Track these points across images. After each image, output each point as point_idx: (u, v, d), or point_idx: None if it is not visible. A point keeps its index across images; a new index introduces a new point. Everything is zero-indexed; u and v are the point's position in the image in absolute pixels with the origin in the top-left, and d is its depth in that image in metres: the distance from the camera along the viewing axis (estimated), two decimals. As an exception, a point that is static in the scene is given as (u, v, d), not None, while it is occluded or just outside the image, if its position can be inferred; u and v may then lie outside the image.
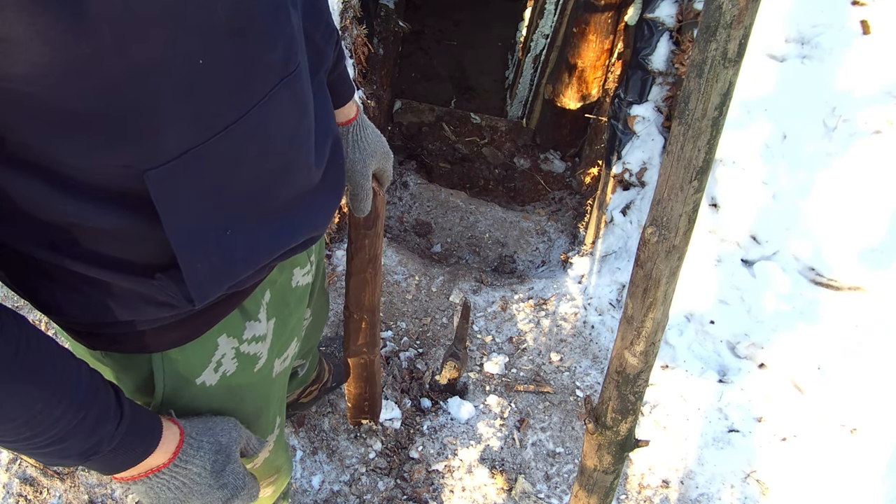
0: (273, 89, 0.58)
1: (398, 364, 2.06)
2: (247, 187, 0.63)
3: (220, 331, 0.79)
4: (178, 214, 0.57)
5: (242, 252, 0.67)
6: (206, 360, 0.80)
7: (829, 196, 1.94)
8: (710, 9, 0.72)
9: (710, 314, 2.00)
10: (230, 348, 0.82)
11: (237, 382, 0.86)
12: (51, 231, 0.56)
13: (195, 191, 0.57)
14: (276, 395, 1.00)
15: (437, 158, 3.51)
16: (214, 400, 0.85)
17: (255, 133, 0.58)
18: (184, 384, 0.80)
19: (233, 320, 0.80)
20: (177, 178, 0.54)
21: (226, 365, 0.83)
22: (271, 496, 1.22)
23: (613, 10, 2.78)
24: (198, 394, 0.82)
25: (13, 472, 1.74)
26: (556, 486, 1.87)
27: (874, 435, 1.83)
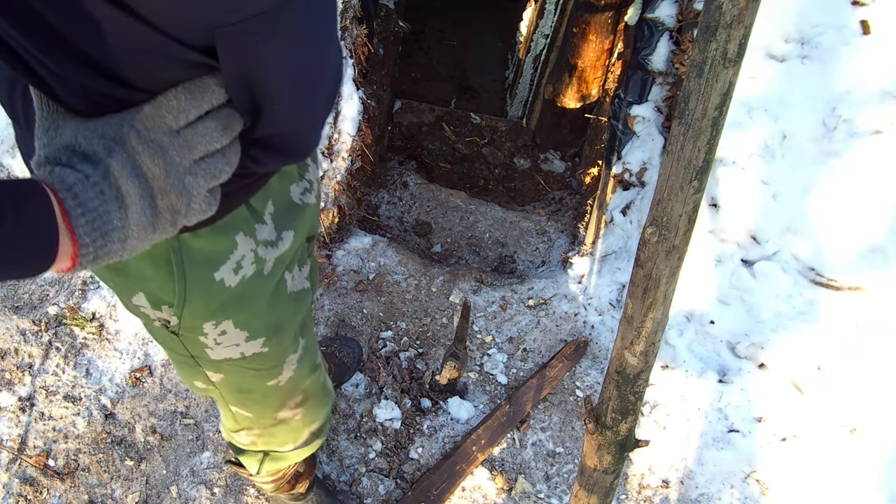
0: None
1: (398, 364, 2.06)
2: (305, 55, 0.65)
3: (237, 227, 0.81)
4: (233, 76, 0.61)
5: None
6: (225, 255, 0.81)
7: (829, 196, 1.94)
8: (710, 9, 0.72)
9: (710, 314, 2.00)
10: (249, 250, 0.84)
11: (254, 288, 0.88)
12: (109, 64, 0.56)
13: (260, 53, 0.60)
14: (297, 315, 1.02)
15: (437, 158, 3.51)
16: (232, 303, 0.86)
17: (307, 10, 0.61)
18: (203, 276, 0.81)
19: (244, 217, 0.82)
20: (245, 38, 0.57)
21: (245, 268, 0.85)
22: (301, 421, 1.22)
23: (613, 10, 2.78)
24: (217, 291, 0.83)
25: (13, 472, 1.74)
26: (556, 486, 1.87)
27: (874, 435, 1.83)
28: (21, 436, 1.79)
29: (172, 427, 1.86)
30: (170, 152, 0.60)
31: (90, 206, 0.56)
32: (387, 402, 1.95)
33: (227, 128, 0.65)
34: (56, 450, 1.79)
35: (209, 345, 0.93)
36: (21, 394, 1.85)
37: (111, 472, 1.78)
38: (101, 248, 0.58)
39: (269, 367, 1.04)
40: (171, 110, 0.60)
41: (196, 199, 0.64)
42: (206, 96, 0.62)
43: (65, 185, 0.56)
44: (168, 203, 0.61)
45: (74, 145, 0.58)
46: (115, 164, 0.58)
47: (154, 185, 0.60)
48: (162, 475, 1.79)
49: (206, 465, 1.81)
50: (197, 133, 0.62)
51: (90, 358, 1.94)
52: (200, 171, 0.63)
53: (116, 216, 0.58)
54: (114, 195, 0.58)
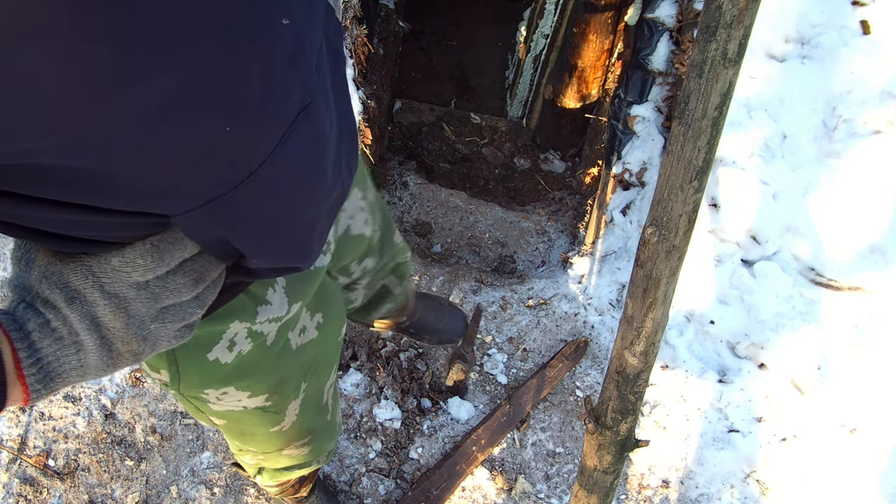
0: (290, 127, 0.58)
1: (398, 364, 2.06)
2: (274, 216, 0.63)
3: (231, 316, 0.80)
4: (206, 245, 0.60)
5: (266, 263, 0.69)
6: (216, 337, 0.81)
7: (829, 196, 1.94)
8: (710, 9, 0.72)
9: (710, 314, 2.00)
10: (243, 328, 0.83)
11: (253, 360, 0.88)
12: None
13: (220, 228, 0.59)
14: (302, 365, 1.02)
15: (437, 158, 3.51)
16: (230, 377, 0.87)
17: (278, 173, 0.58)
18: (196, 357, 0.81)
19: (241, 305, 0.81)
20: (201, 221, 0.56)
21: (240, 345, 0.85)
22: (307, 455, 1.23)
23: (613, 10, 2.78)
24: (212, 370, 0.83)
25: (13, 472, 1.74)
26: (556, 486, 1.87)
27: (874, 435, 1.83)
28: (21, 436, 1.79)
29: (172, 427, 1.86)
30: (133, 304, 0.59)
31: (44, 354, 0.56)
32: (387, 402, 1.95)
33: (198, 280, 0.63)
34: (56, 450, 1.79)
35: (211, 401, 0.93)
36: (21, 394, 1.86)
37: (111, 472, 1.78)
38: (54, 386, 0.58)
39: (272, 415, 1.04)
40: (138, 268, 0.58)
41: (163, 340, 0.63)
42: (176, 252, 0.60)
43: (22, 333, 0.56)
44: (129, 349, 0.60)
45: (38, 289, 0.57)
46: (72, 316, 0.57)
47: (114, 335, 0.59)
48: (162, 475, 1.79)
49: (206, 465, 1.81)
50: (166, 286, 0.60)
51: None
52: (168, 317, 0.62)
53: (74, 358, 0.58)
54: (72, 341, 0.57)
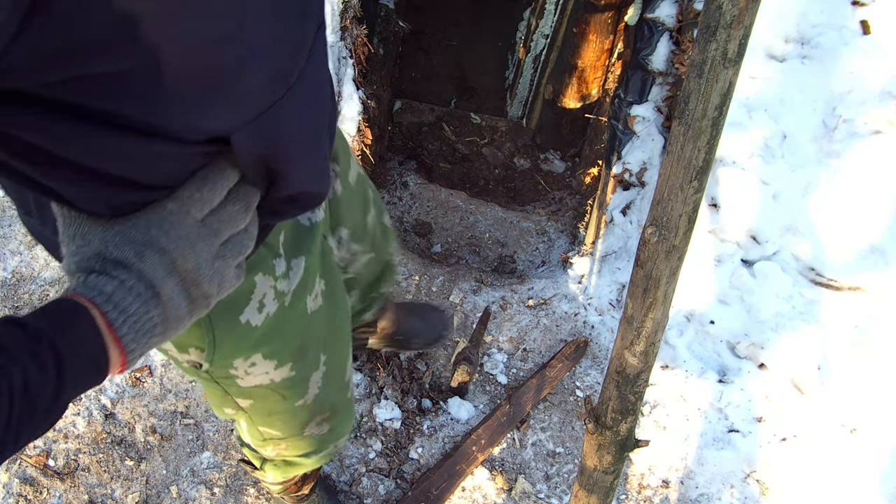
0: (313, 43, 0.62)
1: (398, 364, 2.06)
2: (303, 133, 0.68)
3: (255, 268, 0.82)
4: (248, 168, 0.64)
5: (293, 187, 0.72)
6: (246, 297, 0.83)
7: (829, 196, 1.94)
8: (710, 9, 0.72)
9: (710, 314, 2.00)
10: (269, 287, 0.86)
11: (280, 321, 0.90)
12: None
13: (264, 145, 0.62)
14: (318, 333, 1.04)
15: (437, 158, 3.51)
16: (260, 340, 0.89)
17: (309, 88, 0.63)
18: (229, 321, 0.83)
19: (262, 257, 0.83)
20: (252, 136, 0.59)
21: (268, 306, 0.87)
22: (328, 435, 1.24)
23: (613, 10, 2.78)
24: (245, 334, 0.86)
25: (13, 472, 1.74)
26: (556, 486, 1.87)
27: (874, 435, 1.83)
28: (21, 436, 1.79)
29: (172, 427, 1.86)
30: (198, 244, 0.61)
31: (131, 312, 0.58)
32: (387, 402, 1.95)
33: (248, 207, 0.65)
34: (56, 450, 1.79)
35: (239, 376, 0.95)
36: (21, 394, 1.86)
37: (111, 472, 1.78)
38: (144, 347, 0.60)
39: (297, 388, 1.06)
40: (195, 203, 0.60)
41: (227, 278, 0.65)
42: (225, 181, 0.62)
43: (105, 296, 0.57)
44: (202, 291, 0.63)
45: (105, 253, 0.58)
46: (147, 268, 0.58)
47: (188, 277, 0.61)
48: (162, 475, 1.79)
49: (206, 465, 1.81)
50: (221, 220, 0.63)
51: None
52: (228, 253, 0.65)
53: (155, 313, 0.59)
54: (151, 295, 0.59)
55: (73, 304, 0.56)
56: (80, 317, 0.55)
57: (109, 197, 0.58)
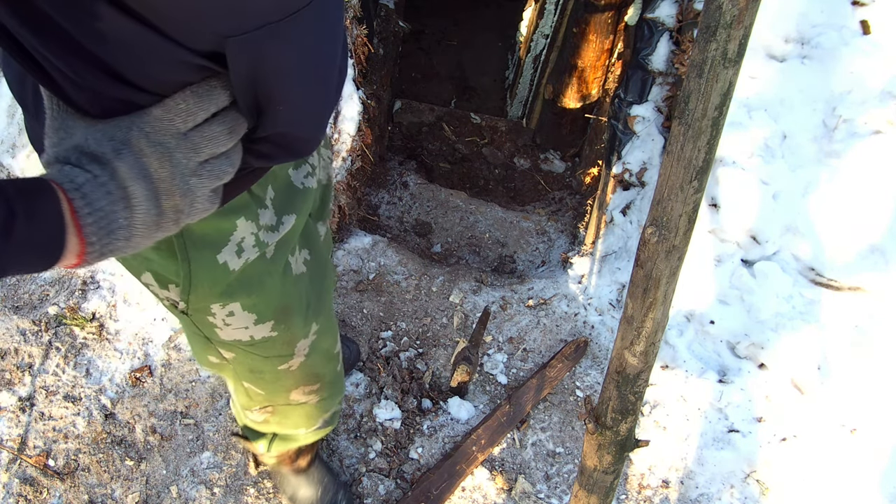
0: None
1: (398, 364, 2.06)
2: (304, 65, 0.67)
3: (238, 211, 0.83)
4: (240, 85, 0.63)
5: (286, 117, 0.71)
6: (226, 237, 0.83)
7: (829, 196, 1.94)
8: (710, 9, 0.72)
9: (710, 314, 2.00)
10: (249, 233, 0.86)
11: (259, 271, 0.90)
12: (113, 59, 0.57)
13: (261, 61, 0.62)
14: (303, 298, 1.03)
15: (437, 158, 3.51)
16: (238, 286, 0.89)
17: (319, 16, 0.62)
18: (206, 259, 0.83)
19: (245, 202, 0.84)
20: (250, 46, 0.59)
21: (247, 252, 0.86)
22: (315, 407, 1.24)
23: (613, 10, 2.78)
24: (221, 273, 0.85)
25: (13, 472, 1.74)
26: (556, 486, 1.87)
27: (874, 435, 1.83)
28: (21, 436, 1.79)
29: (172, 427, 1.86)
30: (176, 154, 0.62)
31: (98, 206, 0.58)
32: (387, 402, 1.95)
33: (232, 131, 0.66)
34: (56, 450, 1.79)
35: (218, 325, 0.94)
36: (21, 394, 1.85)
37: (111, 472, 1.78)
38: (106, 246, 0.60)
39: (279, 352, 1.05)
40: (179, 113, 0.61)
41: (199, 199, 0.66)
42: (213, 99, 0.63)
43: (74, 185, 0.57)
44: (172, 203, 0.63)
45: (83, 146, 0.59)
46: (122, 166, 0.59)
47: (160, 185, 0.61)
48: (162, 475, 1.79)
49: (206, 465, 1.81)
50: (203, 136, 0.63)
51: (90, 358, 1.94)
52: (205, 173, 0.65)
53: (122, 215, 0.60)
54: (121, 195, 0.59)
55: (41, 182, 0.56)
56: (46, 194, 0.56)
57: (102, 89, 0.59)
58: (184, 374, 1.94)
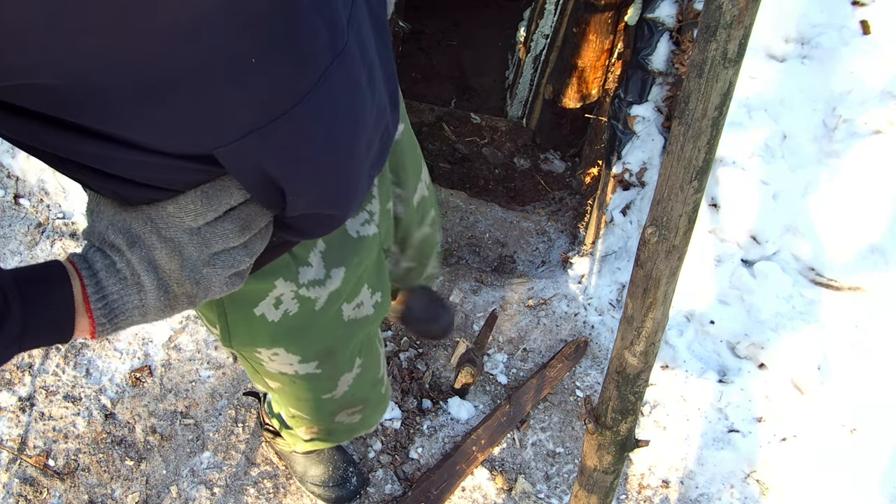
0: (326, 71, 0.61)
1: (398, 364, 2.06)
2: (312, 155, 0.67)
3: (276, 273, 0.86)
4: (249, 184, 0.65)
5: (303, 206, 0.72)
6: (263, 293, 0.87)
7: (829, 196, 1.94)
8: (710, 9, 0.72)
9: (710, 314, 2.00)
10: (289, 290, 0.89)
11: (301, 322, 0.93)
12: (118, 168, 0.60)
13: (261, 161, 0.62)
14: (355, 338, 1.06)
15: (437, 158, 3.51)
16: (279, 335, 0.93)
17: (318, 112, 0.62)
18: (243, 312, 0.87)
19: (285, 263, 0.87)
20: (244, 153, 0.60)
21: (287, 304, 0.90)
22: (360, 423, 1.29)
23: (613, 10, 2.78)
24: (260, 324, 0.90)
25: (13, 472, 1.74)
26: (556, 486, 1.87)
27: (874, 435, 1.83)
28: (21, 436, 1.79)
29: (172, 427, 1.86)
30: (187, 248, 0.65)
31: (109, 291, 0.64)
32: (387, 402, 1.95)
33: (245, 228, 0.68)
34: (56, 450, 1.79)
35: (264, 360, 0.99)
36: (21, 394, 1.85)
37: (111, 472, 1.78)
38: (119, 323, 0.66)
39: (323, 384, 1.09)
40: (189, 213, 0.64)
41: (215, 285, 0.69)
42: (224, 198, 0.65)
43: (91, 271, 0.64)
44: (184, 290, 0.67)
45: (104, 234, 0.65)
46: (134, 259, 0.64)
47: (170, 276, 0.65)
48: (162, 475, 1.79)
49: (206, 465, 1.81)
50: (215, 233, 0.66)
51: (90, 358, 1.94)
52: (219, 263, 0.67)
53: (136, 297, 0.65)
54: (134, 281, 0.65)
55: (61, 269, 0.63)
56: (59, 281, 0.62)
57: (117, 188, 0.63)
58: (184, 374, 1.94)
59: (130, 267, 0.64)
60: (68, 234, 2.07)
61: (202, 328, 2.00)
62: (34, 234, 2.06)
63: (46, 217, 2.09)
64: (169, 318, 2.00)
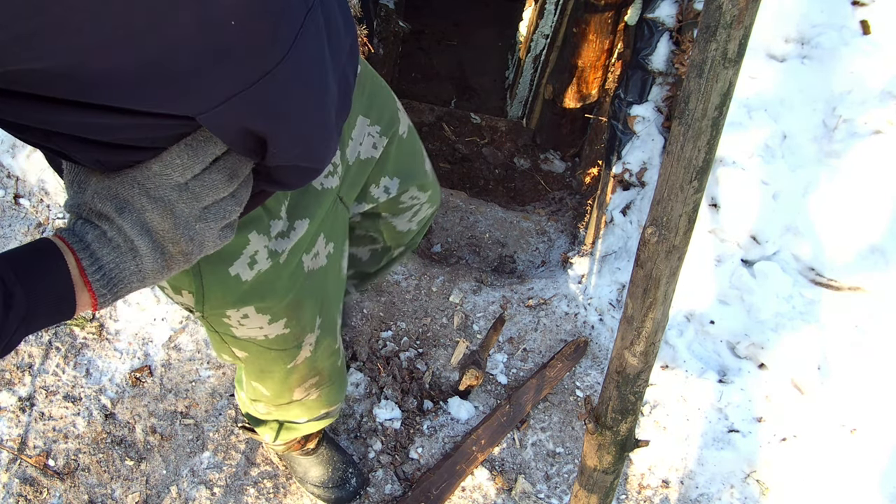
0: (300, 28, 0.61)
1: (398, 364, 2.06)
2: (293, 109, 0.67)
3: (249, 226, 0.85)
4: (232, 141, 0.64)
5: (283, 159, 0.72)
6: (238, 252, 0.86)
7: (829, 196, 1.94)
8: (710, 9, 0.72)
9: (710, 314, 2.00)
10: (262, 246, 0.88)
11: (270, 278, 0.92)
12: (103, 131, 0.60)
13: (244, 119, 0.62)
14: (316, 291, 1.05)
15: (437, 158, 3.51)
16: (251, 294, 0.91)
17: (296, 68, 0.62)
18: (218, 272, 0.86)
19: (258, 215, 0.86)
20: (226, 117, 0.60)
21: (260, 263, 0.89)
22: (315, 401, 1.27)
23: (613, 10, 2.78)
24: (234, 285, 0.88)
25: (13, 472, 1.74)
26: (556, 486, 1.87)
27: (874, 435, 1.83)
28: (21, 436, 1.79)
29: (172, 427, 1.86)
30: (178, 205, 0.64)
31: (105, 262, 0.63)
32: (387, 402, 1.95)
33: (232, 176, 0.67)
34: (56, 450, 1.79)
35: (233, 325, 0.97)
36: (21, 394, 1.85)
37: (111, 472, 1.78)
38: (118, 292, 0.65)
39: (290, 347, 1.08)
40: (176, 168, 0.63)
41: (209, 239, 0.68)
42: (209, 149, 0.64)
43: (83, 244, 0.62)
44: (179, 249, 0.66)
45: (91, 204, 0.63)
46: (125, 224, 0.63)
47: (164, 237, 0.65)
48: (162, 475, 1.79)
49: (206, 465, 1.81)
50: (203, 185, 0.65)
51: (90, 358, 1.94)
52: (210, 216, 0.67)
53: (132, 263, 0.64)
54: (128, 247, 0.64)
55: (52, 247, 0.62)
56: (53, 259, 0.61)
57: (100, 155, 0.62)
58: (184, 374, 1.94)
59: (122, 233, 0.63)
60: (68, 234, 2.07)
61: (202, 328, 2.00)
62: (34, 234, 2.06)
63: (46, 217, 2.09)
64: (169, 319, 2.00)
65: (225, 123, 0.61)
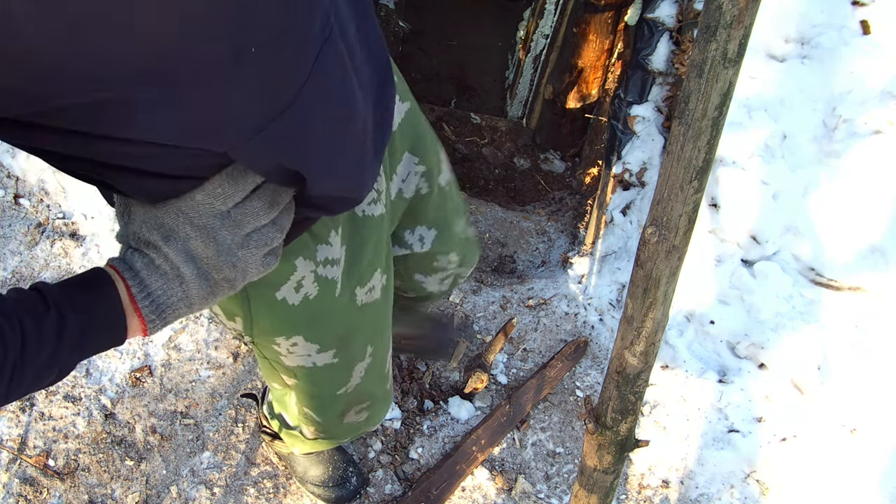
0: (317, 59, 0.62)
1: (398, 364, 2.06)
2: (321, 140, 0.69)
3: (296, 252, 0.87)
4: (267, 174, 0.67)
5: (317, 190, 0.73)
6: (284, 278, 0.88)
7: (829, 196, 1.94)
8: (710, 9, 0.72)
9: (710, 314, 2.00)
10: (309, 271, 0.89)
11: (319, 306, 0.94)
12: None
13: (274, 156, 0.64)
14: (368, 325, 1.07)
15: (437, 158, 3.51)
16: (299, 321, 0.94)
17: (315, 100, 0.64)
18: (265, 296, 0.88)
19: (304, 243, 0.88)
20: (254, 152, 0.62)
21: (307, 287, 0.91)
22: (365, 422, 1.29)
23: (613, 10, 2.78)
24: (281, 310, 0.91)
25: (13, 472, 1.74)
26: (556, 486, 1.87)
27: (874, 435, 1.83)
28: (21, 436, 1.79)
29: (172, 427, 1.86)
30: (220, 232, 0.66)
31: (153, 289, 0.66)
32: (387, 402, 1.95)
33: (273, 203, 0.69)
34: (56, 450, 1.79)
35: (283, 353, 0.99)
36: (21, 394, 1.85)
37: (111, 472, 1.78)
38: (167, 318, 0.68)
39: (339, 375, 1.09)
40: (218, 197, 0.65)
41: (252, 266, 0.70)
42: (249, 178, 0.66)
43: (133, 272, 0.66)
44: (223, 275, 0.68)
45: (139, 233, 0.66)
46: (171, 251, 0.66)
47: (208, 263, 0.67)
48: (162, 475, 1.79)
49: (206, 465, 1.81)
50: (245, 212, 0.67)
51: (90, 358, 1.94)
52: (252, 243, 0.69)
53: (179, 290, 0.67)
54: (175, 275, 0.66)
55: (104, 275, 0.65)
56: (105, 287, 0.65)
57: (144, 186, 0.64)
58: (184, 374, 1.94)
59: (169, 261, 0.65)
60: (68, 234, 2.07)
61: (202, 328, 2.01)
62: (34, 234, 2.06)
63: (46, 217, 2.09)
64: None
65: (256, 158, 0.63)
